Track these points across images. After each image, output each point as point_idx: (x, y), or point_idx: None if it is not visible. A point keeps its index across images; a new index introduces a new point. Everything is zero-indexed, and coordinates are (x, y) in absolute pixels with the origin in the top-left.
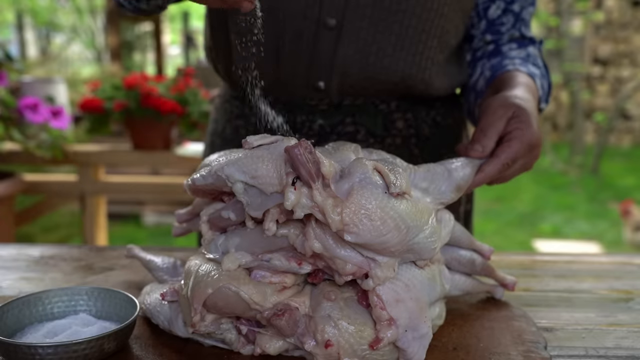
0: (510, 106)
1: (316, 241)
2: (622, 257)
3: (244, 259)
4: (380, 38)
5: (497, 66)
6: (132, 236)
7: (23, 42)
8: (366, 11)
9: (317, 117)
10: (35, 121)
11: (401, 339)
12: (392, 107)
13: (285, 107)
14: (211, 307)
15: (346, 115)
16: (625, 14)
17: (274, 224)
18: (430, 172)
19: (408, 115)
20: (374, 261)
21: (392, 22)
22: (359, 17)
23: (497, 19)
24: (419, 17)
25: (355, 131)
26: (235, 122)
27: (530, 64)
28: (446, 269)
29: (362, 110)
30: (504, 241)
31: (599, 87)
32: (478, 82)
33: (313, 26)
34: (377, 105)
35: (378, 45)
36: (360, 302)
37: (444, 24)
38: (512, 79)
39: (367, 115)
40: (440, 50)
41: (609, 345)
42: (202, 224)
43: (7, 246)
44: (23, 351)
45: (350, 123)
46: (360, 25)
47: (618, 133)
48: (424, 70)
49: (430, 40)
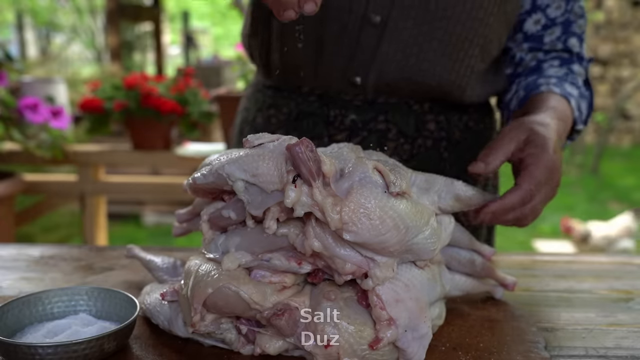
0: (524, 130)
1: (316, 240)
2: (622, 257)
3: (243, 259)
4: (423, 41)
5: (531, 85)
6: (132, 236)
7: (23, 42)
8: (411, 12)
9: (350, 112)
10: (35, 121)
11: (401, 339)
12: (425, 109)
13: (319, 99)
14: (211, 307)
15: (379, 113)
16: (625, 14)
17: (274, 222)
18: (431, 177)
19: (440, 118)
20: (373, 261)
21: (436, 27)
22: (403, 17)
23: (537, 32)
24: (463, 25)
25: (386, 129)
26: (267, 112)
27: (567, 83)
28: (446, 269)
29: (395, 109)
30: (504, 241)
31: (599, 87)
32: (512, 100)
33: (358, 21)
34: (410, 106)
35: (419, 47)
36: (360, 302)
37: (488, 34)
38: (541, 102)
39: (400, 115)
40: (482, 59)
41: (609, 345)
42: (202, 224)
43: (7, 246)
44: (23, 351)
45: (382, 121)
46: (404, 25)
47: (618, 133)
48: (462, 78)
49: (472, 49)
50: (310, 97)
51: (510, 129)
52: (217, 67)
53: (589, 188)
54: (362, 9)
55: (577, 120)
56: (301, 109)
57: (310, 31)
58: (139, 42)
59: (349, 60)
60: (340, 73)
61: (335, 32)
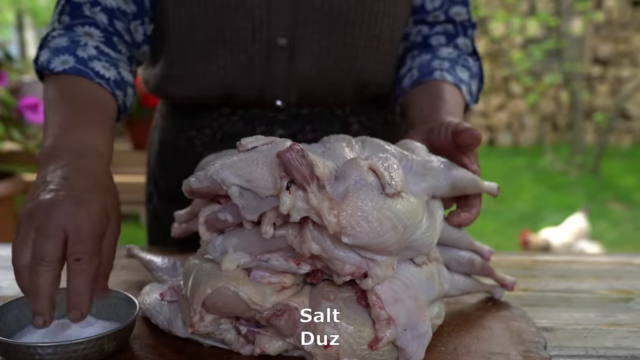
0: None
1: (314, 243)
2: (622, 257)
3: (242, 259)
4: (334, 50)
5: (425, 68)
6: (132, 236)
7: (23, 42)
8: (315, 27)
9: (277, 127)
10: (35, 121)
11: (400, 338)
12: (347, 112)
13: (242, 118)
14: (210, 307)
15: (305, 124)
16: (625, 14)
17: (271, 227)
18: (429, 161)
19: (362, 118)
20: (372, 261)
21: (343, 33)
22: (309, 33)
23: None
24: (368, 24)
25: (314, 138)
26: (189, 134)
27: (459, 67)
28: (445, 269)
29: (319, 117)
30: (504, 241)
31: (599, 87)
32: (405, 77)
33: (264, 48)
34: (333, 111)
35: (333, 58)
36: (359, 302)
37: (393, 23)
38: (437, 96)
39: (325, 122)
40: (393, 50)
41: (609, 345)
42: (199, 226)
43: (7, 246)
44: (23, 351)
45: (309, 130)
46: (312, 40)
47: (618, 133)
48: (376, 74)
49: (381, 44)
50: (232, 117)
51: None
52: None
53: (589, 188)
54: (266, 35)
55: (468, 103)
56: (225, 130)
57: (216, 69)
58: None
59: (267, 87)
60: (260, 99)
61: (245, 63)
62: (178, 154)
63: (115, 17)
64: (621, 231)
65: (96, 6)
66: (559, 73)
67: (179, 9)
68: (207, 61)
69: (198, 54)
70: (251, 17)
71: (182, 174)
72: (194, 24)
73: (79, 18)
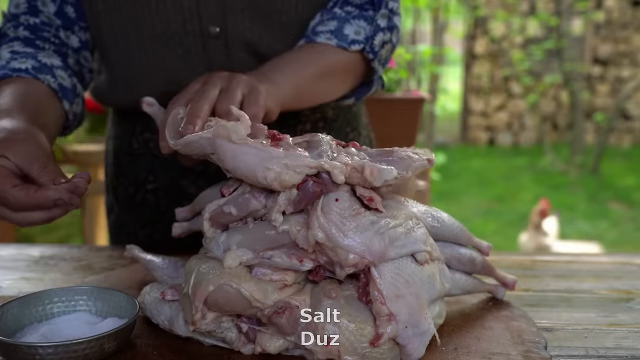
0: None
1: (319, 230)
2: (622, 257)
3: (245, 256)
4: (267, 35)
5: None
6: None
7: None
8: (245, 14)
9: None
10: None
11: (401, 335)
12: None
13: None
14: (212, 305)
15: None
16: (625, 14)
17: (280, 215)
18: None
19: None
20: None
21: (272, 21)
22: (239, 20)
23: None
24: (295, 10)
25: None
26: (142, 136)
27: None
28: (446, 268)
29: None
30: (504, 241)
31: (599, 87)
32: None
33: (198, 39)
34: None
35: (267, 44)
36: (361, 298)
37: (317, 5)
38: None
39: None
40: None
41: (609, 346)
42: (204, 221)
43: (7, 246)
44: (23, 351)
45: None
46: (243, 27)
47: (618, 133)
48: None
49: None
50: None
51: None
52: None
53: (589, 188)
54: (197, 25)
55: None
56: None
57: (156, 66)
58: None
59: None
60: None
61: (181, 57)
62: (134, 159)
63: (39, 30)
64: (621, 231)
65: (18, 27)
66: (559, 73)
67: (108, 11)
68: (145, 59)
69: (135, 54)
70: (180, 9)
71: (140, 178)
72: (125, 23)
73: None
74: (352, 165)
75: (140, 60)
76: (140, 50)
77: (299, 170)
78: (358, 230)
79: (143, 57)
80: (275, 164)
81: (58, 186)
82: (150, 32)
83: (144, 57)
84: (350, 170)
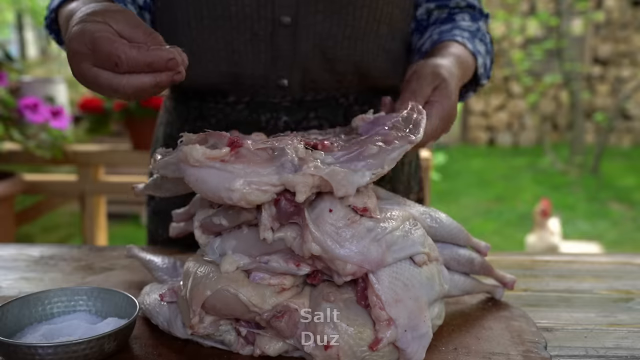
0: (438, 76)
1: (314, 244)
2: (622, 257)
3: (242, 261)
4: (336, 31)
5: (445, 32)
6: (132, 236)
7: (23, 42)
8: (318, 6)
9: (282, 114)
10: (35, 121)
11: (400, 339)
12: (350, 100)
13: (247, 106)
14: (210, 309)
15: (309, 111)
16: (625, 14)
17: (269, 233)
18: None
19: (365, 108)
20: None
21: (345, 14)
22: (312, 12)
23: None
24: (369, 8)
25: (319, 125)
26: (194, 124)
27: (477, 40)
28: (445, 269)
29: (323, 104)
30: (503, 241)
31: (599, 87)
32: (425, 44)
33: (269, 26)
34: (337, 99)
35: (334, 38)
36: (359, 302)
37: (392, 10)
38: (450, 49)
39: (329, 109)
40: (392, 37)
41: (609, 346)
42: (195, 229)
43: (7, 246)
44: (23, 351)
45: (313, 118)
46: (314, 20)
47: (618, 133)
48: (375, 58)
49: (381, 28)
50: (238, 105)
51: (427, 73)
52: None
53: (589, 188)
54: (270, 13)
55: (481, 77)
56: (230, 118)
57: (222, 46)
58: None
59: (270, 65)
60: (265, 79)
61: (249, 41)
62: None
63: None
64: (621, 231)
65: None
66: (559, 73)
67: None
68: (213, 39)
69: (205, 32)
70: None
71: None
72: (200, 0)
73: None
74: (319, 176)
75: (209, 39)
76: (210, 30)
77: (264, 188)
78: (354, 239)
79: (212, 36)
80: (238, 184)
81: (171, 47)
82: (223, 13)
83: (212, 36)
84: (319, 180)
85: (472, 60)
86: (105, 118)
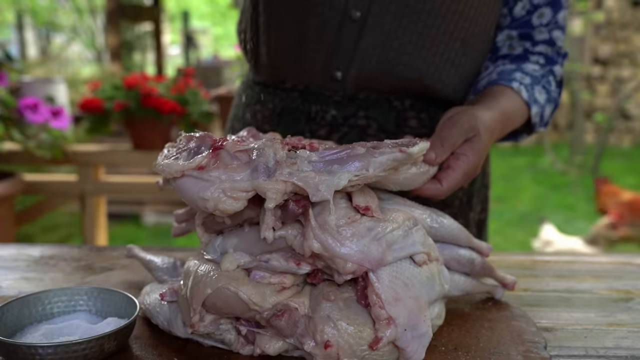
0: (473, 129)
1: (315, 241)
2: (622, 257)
3: (242, 260)
4: (403, 34)
5: (505, 74)
6: (132, 236)
7: (23, 42)
8: (391, 7)
9: (331, 107)
10: (35, 121)
11: (400, 338)
12: (406, 105)
13: (301, 95)
14: (210, 308)
15: (359, 108)
16: (625, 14)
17: (270, 232)
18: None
19: (422, 115)
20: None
21: (415, 20)
22: (383, 11)
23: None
24: (443, 18)
25: (367, 125)
26: (254, 108)
27: (539, 87)
28: (445, 269)
29: (375, 105)
30: (504, 241)
31: (599, 87)
32: (483, 80)
33: (338, 16)
34: (391, 102)
35: (400, 41)
36: (360, 301)
37: (469, 27)
38: (501, 98)
39: (380, 111)
40: (464, 53)
41: (609, 345)
42: (197, 228)
43: (7, 246)
44: (23, 351)
45: (362, 116)
46: (384, 20)
47: (618, 133)
48: (441, 71)
49: (452, 42)
50: (293, 92)
51: (463, 121)
52: (217, 67)
53: (589, 188)
54: (343, 5)
55: (535, 125)
56: (284, 104)
57: (291, 26)
58: (138, 42)
59: (330, 56)
60: (321, 68)
61: (316, 28)
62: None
63: None
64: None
65: None
66: None
67: None
68: (289, 19)
69: (280, 9)
70: None
71: None
72: None
73: None
74: (291, 182)
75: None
76: (287, 9)
77: (236, 196)
78: (355, 238)
79: (287, 16)
80: (211, 192)
81: None
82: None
83: (288, 16)
84: (292, 186)
85: (523, 111)
86: (105, 118)
